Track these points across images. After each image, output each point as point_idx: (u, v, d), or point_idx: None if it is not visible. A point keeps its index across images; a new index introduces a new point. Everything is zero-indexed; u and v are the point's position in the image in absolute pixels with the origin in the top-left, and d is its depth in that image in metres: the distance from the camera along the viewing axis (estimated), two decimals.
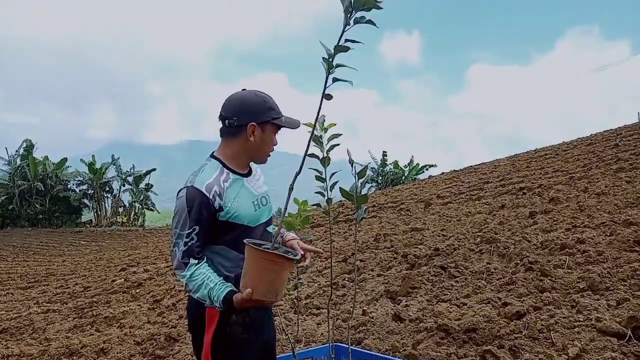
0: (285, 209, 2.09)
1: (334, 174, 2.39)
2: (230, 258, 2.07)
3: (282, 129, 2.18)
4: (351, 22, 1.84)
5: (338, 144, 2.37)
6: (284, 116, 2.18)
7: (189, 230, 1.98)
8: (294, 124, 2.19)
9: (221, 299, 1.95)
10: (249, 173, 2.21)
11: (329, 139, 2.36)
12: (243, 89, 2.19)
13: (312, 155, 2.35)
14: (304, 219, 2.60)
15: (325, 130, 2.37)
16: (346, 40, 1.93)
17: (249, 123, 2.09)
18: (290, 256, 1.96)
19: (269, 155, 2.21)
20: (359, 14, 1.83)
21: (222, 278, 2.02)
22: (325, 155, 2.36)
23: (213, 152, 2.19)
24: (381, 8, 1.80)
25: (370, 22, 1.84)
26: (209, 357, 2.02)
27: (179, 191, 2.05)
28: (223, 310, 2.02)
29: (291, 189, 2.06)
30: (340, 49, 1.89)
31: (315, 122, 2.04)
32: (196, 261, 1.99)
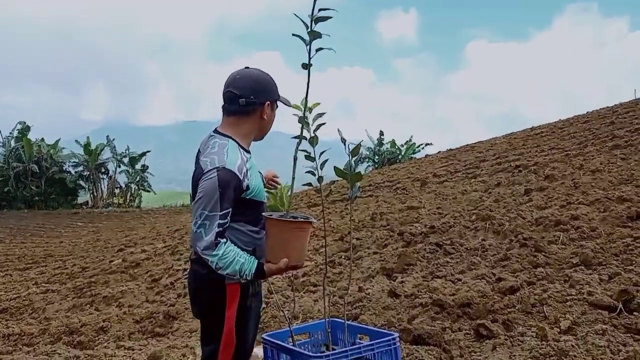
0: (293, 178, 2.18)
1: (323, 152, 2.39)
2: (247, 233, 2.12)
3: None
4: None
5: (324, 123, 2.37)
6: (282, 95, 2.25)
7: (224, 212, 1.97)
8: (288, 102, 2.26)
9: (253, 271, 2.02)
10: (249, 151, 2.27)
11: (314, 119, 2.37)
12: (246, 67, 2.20)
13: (300, 137, 2.35)
14: (284, 200, 2.66)
15: (310, 110, 2.38)
16: (320, 10, 1.95)
17: (266, 102, 2.13)
18: (310, 219, 2.10)
19: None
20: None
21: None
22: (312, 135, 2.37)
23: (217, 130, 2.17)
24: None
25: None
26: (232, 331, 2.09)
27: (206, 172, 2.00)
28: (242, 285, 2.09)
29: (295, 159, 2.14)
30: (320, 19, 1.92)
31: (307, 94, 2.06)
32: (224, 240, 2.02)
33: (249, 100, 2.09)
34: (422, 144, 34.84)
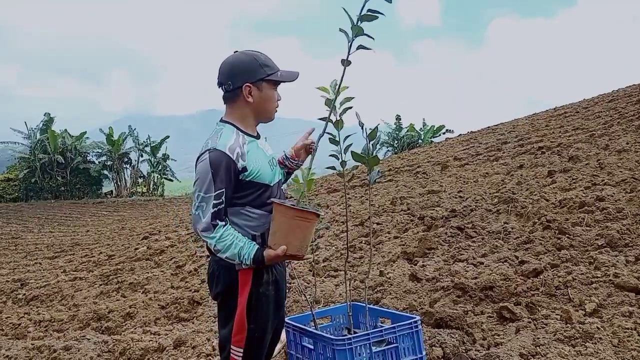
0: (310, 168, 2.18)
1: (347, 136, 2.39)
2: (254, 217, 2.12)
3: (281, 83, 2.20)
4: None
5: (351, 107, 2.37)
6: (280, 70, 2.16)
7: (217, 192, 2.01)
8: (291, 76, 2.17)
9: (252, 256, 2.02)
10: (259, 136, 2.25)
11: (342, 103, 2.37)
12: (235, 51, 2.20)
13: (325, 119, 2.35)
14: (308, 182, 2.64)
15: (338, 93, 2.37)
16: (368, 10, 1.98)
17: (243, 85, 2.11)
18: (317, 211, 2.08)
19: (276, 111, 2.22)
20: None
21: (249, 237, 2.10)
22: (338, 118, 2.37)
23: (222, 118, 2.23)
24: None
25: None
26: (244, 317, 2.10)
27: (200, 155, 2.08)
28: (255, 271, 2.10)
29: (315, 149, 2.20)
30: (365, 18, 1.95)
31: (339, 89, 2.07)
32: (223, 222, 2.06)
33: (227, 87, 2.13)
34: (442, 127, 34.38)
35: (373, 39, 2.01)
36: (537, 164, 8.51)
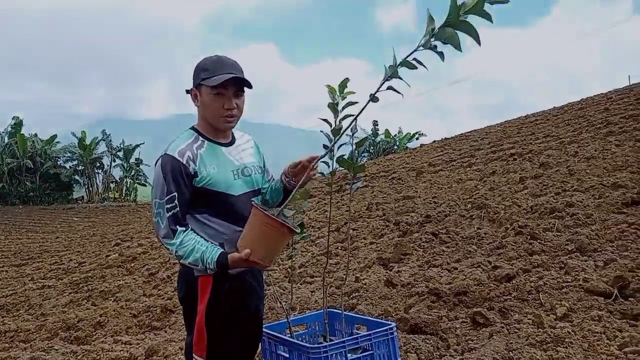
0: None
1: (341, 145, 2.33)
2: (211, 225, 2.05)
3: (244, 89, 2.09)
4: (422, 45, 1.89)
5: (352, 114, 2.30)
6: (219, 74, 2.00)
7: (169, 197, 1.97)
8: (216, 80, 2.00)
9: (215, 260, 1.95)
10: (231, 142, 2.17)
11: (343, 107, 2.28)
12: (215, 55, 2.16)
13: (325, 120, 2.30)
14: (302, 193, 2.58)
15: (344, 97, 2.30)
16: (414, 59, 1.93)
17: (191, 88, 2.10)
18: (294, 228, 2.00)
19: (228, 120, 2.07)
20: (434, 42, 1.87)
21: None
22: (337, 124, 2.29)
23: (194, 125, 2.18)
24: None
25: (440, 54, 1.87)
26: (203, 326, 2.03)
27: (156, 161, 2.05)
28: (215, 279, 2.02)
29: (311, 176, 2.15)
30: (406, 64, 1.93)
31: (355, 121, 2.04)
32: (183, 228, 2.00)
33: (187, 89, 2.12)
34: (416, 134, 34.81)
35: (409, 86, 1.95)
36: (509, 170, 8.68)
